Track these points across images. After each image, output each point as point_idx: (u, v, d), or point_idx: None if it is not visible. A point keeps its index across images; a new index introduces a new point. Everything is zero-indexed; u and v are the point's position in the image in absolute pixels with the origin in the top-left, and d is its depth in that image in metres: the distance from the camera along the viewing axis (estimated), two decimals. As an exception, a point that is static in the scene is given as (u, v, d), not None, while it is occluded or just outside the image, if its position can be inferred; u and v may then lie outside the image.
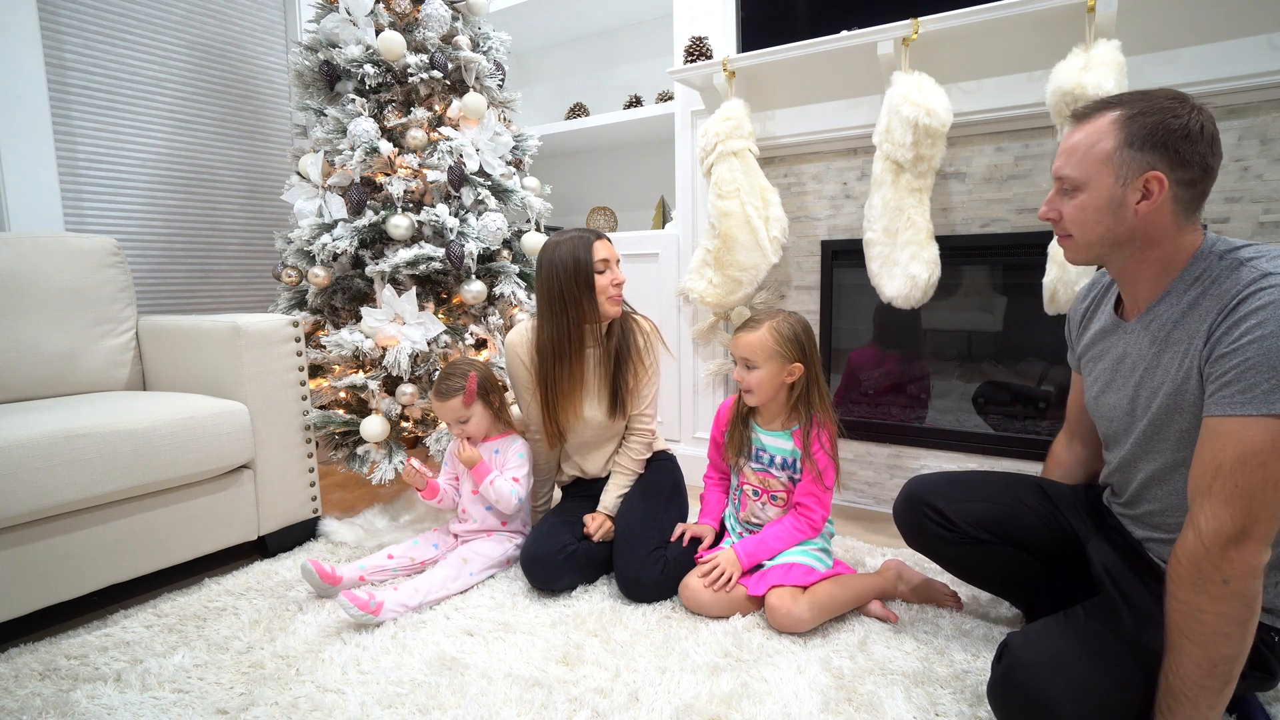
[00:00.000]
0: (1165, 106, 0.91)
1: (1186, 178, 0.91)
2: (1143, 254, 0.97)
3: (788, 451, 1.49)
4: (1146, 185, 0.92)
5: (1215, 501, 0.83)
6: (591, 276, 1.54)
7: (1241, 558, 0.81)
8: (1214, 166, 0.91)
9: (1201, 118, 0.90)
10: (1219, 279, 0.90)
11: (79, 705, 1.14)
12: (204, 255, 2.50)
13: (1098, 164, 0.94)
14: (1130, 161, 0.92)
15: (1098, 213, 0.96)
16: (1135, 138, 0.91)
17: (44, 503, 1.32)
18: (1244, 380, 0.83)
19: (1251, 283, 0.85)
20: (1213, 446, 0.84)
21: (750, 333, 1.44)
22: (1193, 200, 0.93)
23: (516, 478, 1.63)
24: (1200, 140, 0.90)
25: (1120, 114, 0.93)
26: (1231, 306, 0.86)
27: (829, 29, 1.88)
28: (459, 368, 1.65)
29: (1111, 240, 0.97)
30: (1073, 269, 1.50)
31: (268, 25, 2.65)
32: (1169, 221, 0.93)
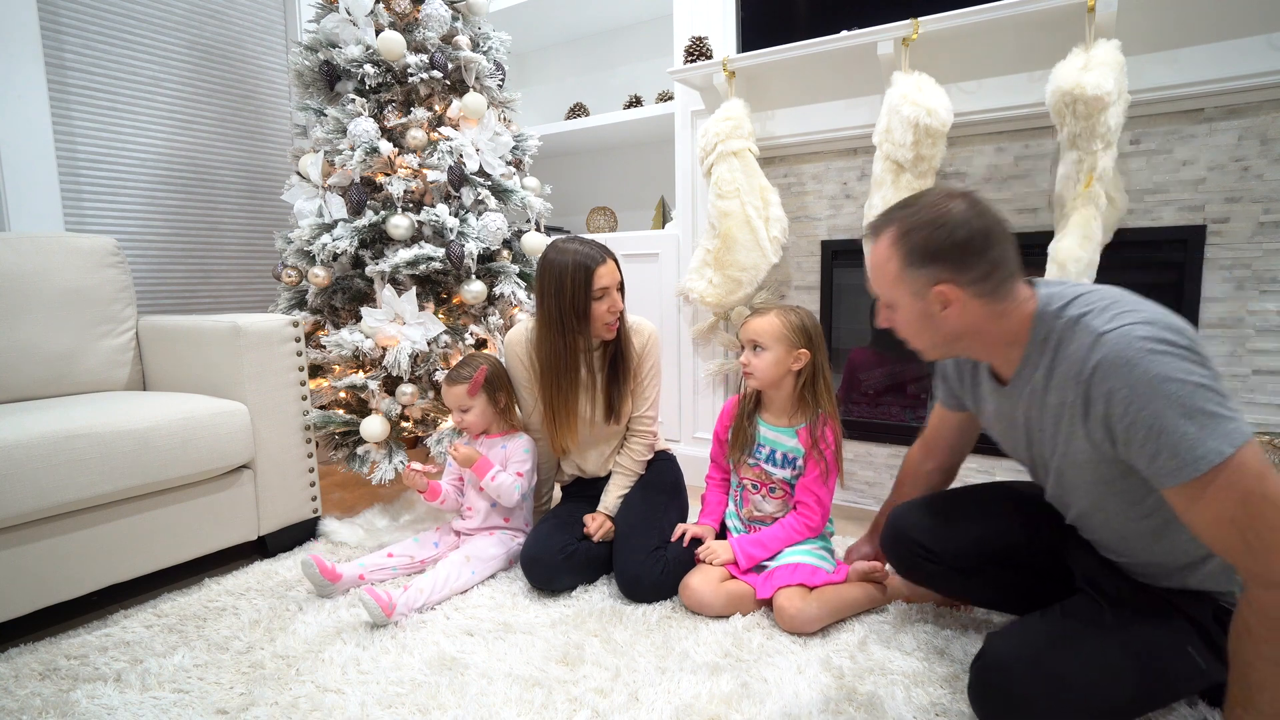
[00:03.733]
0: (930, 219, 0.92)
1: (974, 277, 0.92)
2: (978, 341, 0.99)
3: (790, 448, 1.50)
4: (940, 297, 0.93)
5: (1267, 551, 0.78)
6: (588, 306, 1.53)
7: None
8: (999, 255, 0.91)
9: (969, 216, 0.90)
10: (1063, 343, 0.91)
11: (79, 705, 1.14)
12: (204, 255, 2.50)
13: (893, 286, 0.97)
14: (916, 280, 0.94)
15: (915, 325, 0.99)
16: (913, 256, 0.93)
17: (44, 503, 1.32)
18: (1164, 453, 0.81)
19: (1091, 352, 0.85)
20: (1208, 510, 0.81)
21: (760, 317, 1.47)
22: (995, 286, 0.93)
23: (520, 473, 1.64)
24: (972, 242, 0.90)
25: (894, 231, 0.95)
26: (1089, 380, 0.86)
27: (829, 29, 1.88)
28: (475, 359, 1.68)
29: (942, 342, 1.00)
30: (1072, 269, 1.51)
31: (268, 25, 2.65)
32: (983, 313, 0.94)
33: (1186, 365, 0.80)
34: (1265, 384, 1.58)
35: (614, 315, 1.57)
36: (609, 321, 1.56)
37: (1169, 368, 0.79)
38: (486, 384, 1.64)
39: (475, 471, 1.61)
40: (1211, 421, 0.78)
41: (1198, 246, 1.62)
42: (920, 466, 1.40)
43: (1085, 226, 1.51)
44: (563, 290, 1.52)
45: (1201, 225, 1.61)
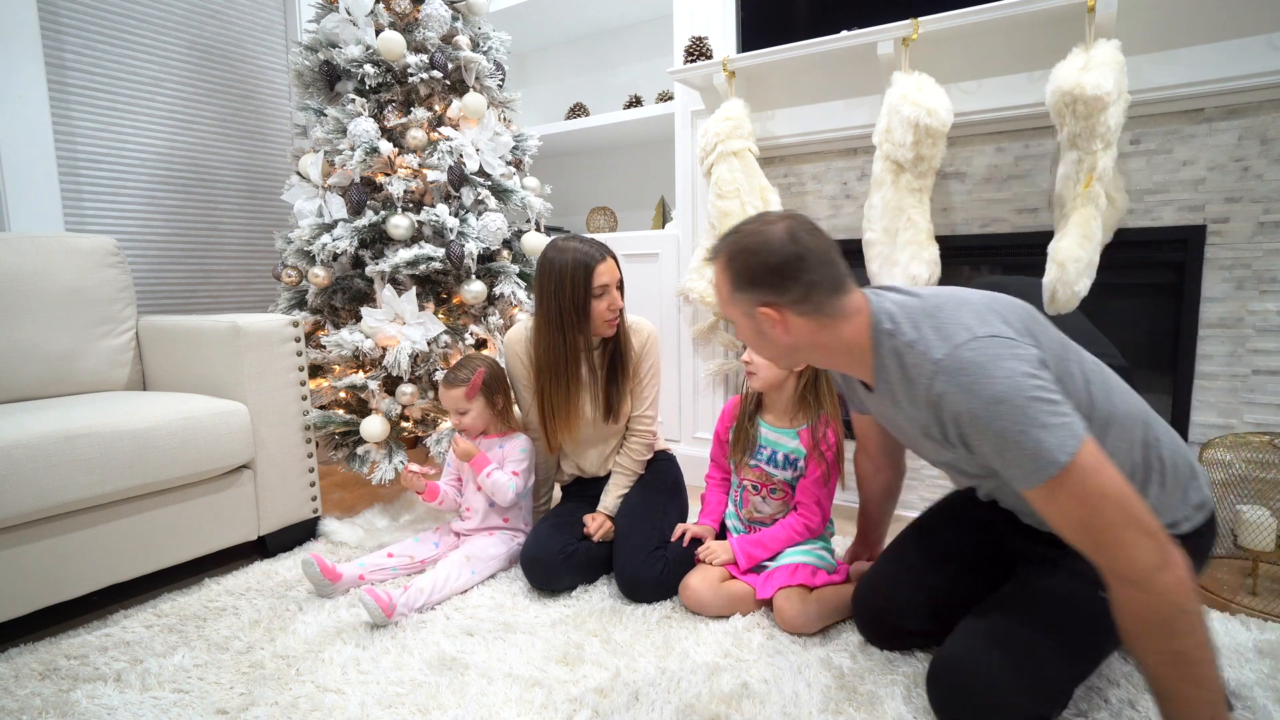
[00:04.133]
0: (748, 246, 0.98)
1: (794, 298, 0.97)
2: (819, 353, 1.03)
3: (792, 449, 1.50)
4: (764, 317, 0.98)
5: (1116, 548, 0.82)
6: (588, 303, 1.53)
7: (1177, 577, 0.80)
8: (815, 277, 0.96)
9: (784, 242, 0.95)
10: (905, 365, 0.95)
11: (79, 705, 1.14)
12: (204, 255, 2.50)
13: (728, 307, 1.04)
14: (744, 302, 1.00)
15: (753, 341, 1.05)
16: (738, 281, 0.99)
17: (44, 503, 1.32)
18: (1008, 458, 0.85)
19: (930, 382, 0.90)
20: (1055, 514, 0.85)
21: None
22: (818, 305, 0.97)
23: (516, 471, 1.64)
24: (786, 267, 0.95)
25: (724, 257, 1.01)
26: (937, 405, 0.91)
27: (829, 29, 1.88)
28: (472, 361, 1.68)
29: (782, 355, 1.05)
30: (1072, 269, 1.50)
31: (268, 25, 2.65)
32: (810, 328, 0.99)
33: (1016, 381, 0.84)
34: (1265, 384, 1.58)
35: (614, 313, 1.57)
36: (609, 319, 1.56)
37: (999, 388, 0.84)
38: (484, 386, 1.64)
39: (473, 467, 1.62)
40: (1045, 433, 0.82)
41: (1198, 246, 1.62)
42: (870, 476, 1.45)
43: (1085, 226, 1.51)
44: (562, 288, 1.52)
45: (1201, 225, 1.61)
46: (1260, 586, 1.49)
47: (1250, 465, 1.53)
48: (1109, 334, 1.80)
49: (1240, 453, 1.54)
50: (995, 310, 0.93)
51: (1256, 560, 1.49)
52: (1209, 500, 1.03)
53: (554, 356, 1.57)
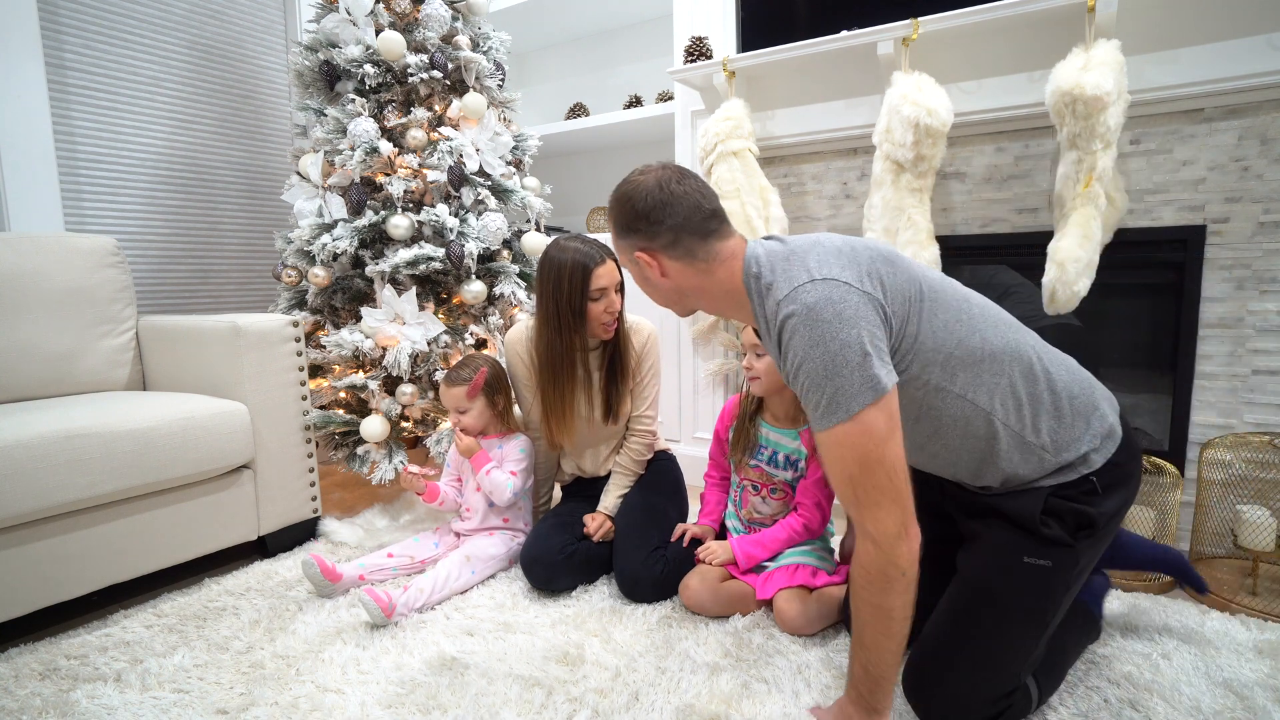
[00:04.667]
0: (621, 195, 1.05)
1: (666, 240, 1.02)
2: (701, 299, 1.08)
3: (792, 449, 1.50)
4: (641, 260, 1.04)
5: (871, 507, 0.88)
6: (584, 305, 1.53)
7: (910, 548, 0.89)
8: (678, 222, 1.00)
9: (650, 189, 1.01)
10: (764, 305, 0.98)
11: (79, 705, 1.14)
12: (204, 255, 2.50)
13: (620, 254, 1.10)
14: (625, 248, 1.07)
15: (643, 287, 1.10)
16: (617, 227, 1.07)
17: (44, 503, 1.32)
18: (809, 400, 0.91)
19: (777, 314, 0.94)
20: (833, 461, 0.91)
21: None
22: (688, 249, 1.02)
23: (514, 471, 1.64)
24: (651, 213, 1.01)
25: (608, 208, 1.09)
26: (777, 339, 0.94)
27: (829, 29, 1.88)
28: (475, 360, 1.68)
29: (669, 300, 1.10)
30: (1072, 269, 1.50)
31: (268, 25, 2.65)
32: (688, 272, 1.04)
33: (834, 327, 0.88)
34: (1265, 384, 1.58)
35: (611, 316, 1.57)
36: (605, 322, 1.56)
37: (818, 331, 0.88)
38: (486, 386, 1.64)
39: (473, 464, 1.62)
40: (844, 380, 0.87)
41: (1198, 246, 1.62)
42: None
43: (1085, 226, 1.51)
44: (560, 289, 1.52)
45: (1201, 225, 1.61)
46: (1260, 586, 1.49)
47: (1250, 465, 1.54)
48: (1109, 334, 1.80)
49: (1240, 453, 1.54)
50: (845, 255, 0.95)
51: (1256, 560, 1.49)
52: (1115, 428, 1.03)
53: (553, 356, 1.57)
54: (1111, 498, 1.00)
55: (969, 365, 0.97)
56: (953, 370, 0.96)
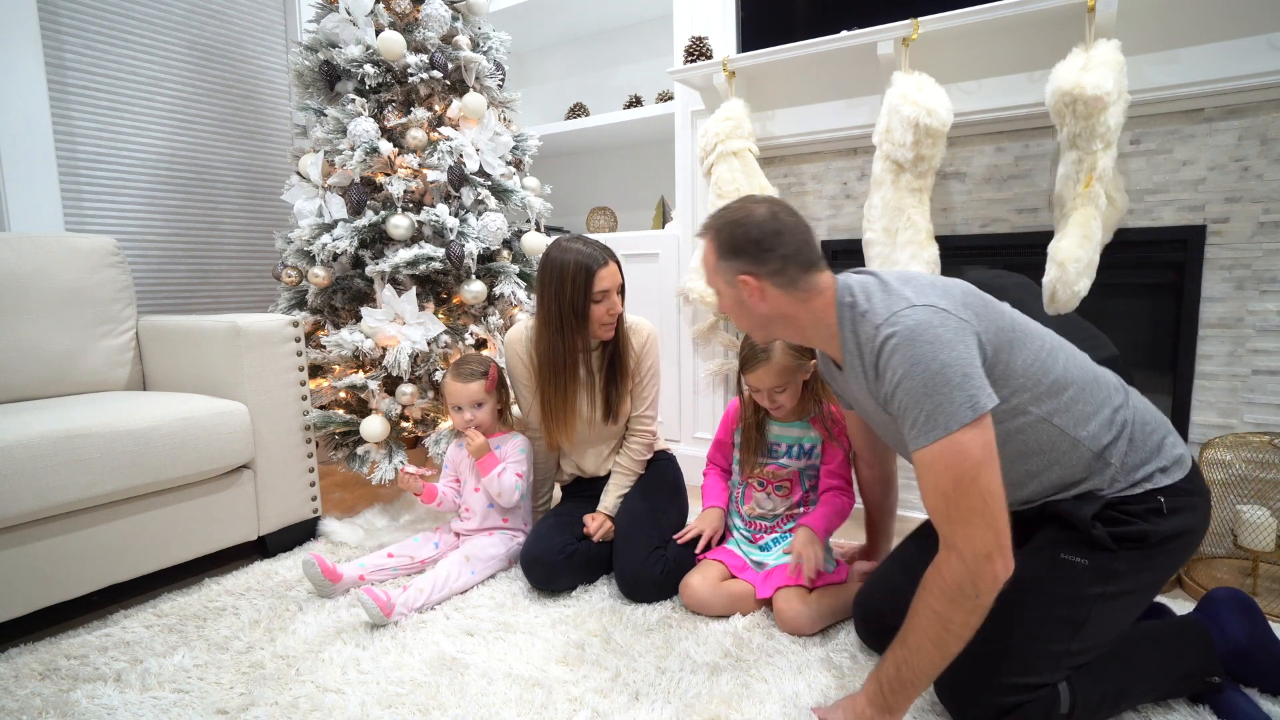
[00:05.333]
0: (733, 220, 1.09)
1: (771, 269, 1.06)
2: (791, 326, 1.12)
3: (805, 438, 1.52)
4: (744, 285, 1.08)
5: (962, 524, 0.90)
6: (587, 307, 1.53)
7: (993, 572, 0.89)
8: (789, 251, 1.05)
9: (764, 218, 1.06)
10: (858, 331, 1.04)
11: (79, 705, 1.14)
12: (204, 255, 2.50)
13: (714, 276, 1.13)
14: (726, 270, 1.10)
15: (733, 310, 1.14)
16: (723, 251, 1.09)
17: (44, 503, 1.32)
18: (909, 417, 0.94)
19: (874, 337, 0.99)
20: (928, 477, 0.93)
21: (767, 363, 1.41)
22: (791, 278, 1.07)
23: (519, 473, 1.64)
24: (765, 240, 1.05)
25: (712, 233, 1.11)
26: (875, 362, 0.99)
27: (829, 29, 1.88)
28: (476, 357, 1.68)
29: (758, 325, 1.13)
30: (1072, 269, 1.50)
31: (268, 25, 2.65)
32: (785, 299, 1.08)
33: (936, 347, 0.92)
34: (1265, 384, 1.58)
35: (612, 318, 1.57)
36: (606, 323, 1.56)
37: (920, 351, 0.92)
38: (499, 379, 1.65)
39: (481, 465, 1.61)
40: (945, 403, 0.90)
41: (1198, 246, 1.62)
42: (865, 476, 1.51)
43: (1085, 226, 1.51)
44: (563, 290, 1.52)
45: (1201, 225, 1.61)
46: (1260, 586, 1.49)
47: (1250, 465, 1.54)
48: (1109, 334, 1.80)
49: (1240, 453, 1.54)
50: (939, 287, 1.01)
51: (1256, 560, 1.49)
52: (1185, 458, 1.07)
53: (554, 357, 1.57)
54: (1173, 520, 1.02)
55: (1055, 393, 1.02)
56: (1041, 397, 1.01)
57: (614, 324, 1.59)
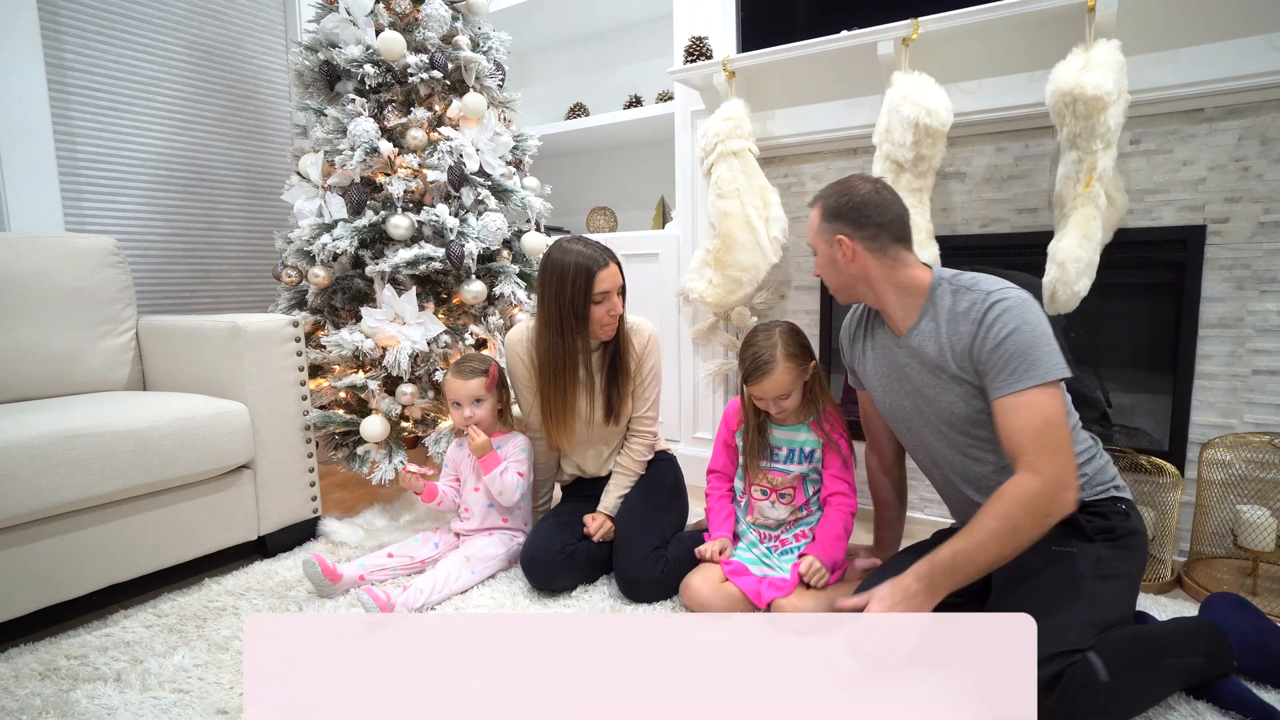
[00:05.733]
0: (840, 190, 1.27)
1: (868, 234, 1.23)
2: (874, 290, 1.27)
3: (806, 442, 1.51)
4: (840, 244, 1.25)
5: (1047, 454, 1.06)
6: (588, 309, 1.53)
7: (1066, 499, 1.07)
8: (885, 223, 1.23)
9: (867, 193, 1.24)
10: (958, 302, 1.20)
11: (79, 705, 1.14)
12: (204, 255, 2.50)
13: (815, 236, 1.30)
14: (827, 231, 1.27)
15: (826, 269, 1.31)
16: (827, 214, 1.27)
17: (44, 503, 1.32)
18: (1012, 365, 1.10)
19: (985, 300, 1.16)
20: (1019, 419, 1.09)
21: (771, 374, 1.41)
22: (881, 246, 1.24)
23: (520, 472, 1.64)
24: (864, 208, 1.23)
25: (821, 200, 1.29)
26: (980, 318, 1.15)
27: (829, 29, 1.88)
28: (477, 356, 1.68)
29: (844, 284, 1.30)
30: (1072, 269, 1.51)
31: (268, 25, 2.65)
32: (874, 264, 1.25)
33: (1036, 317, 1.12)
34: (1265, 384, 1.58)
35: (612, 319, 1.57)
36: (607, 324, 1.56)
37: (1029, 313, 1.12)
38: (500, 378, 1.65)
39: (483, 464, 1.61)
40: (1047, 355, 1.09)
41: (1198, 246, 1.62)
42: (878, 471, 1.55)
43: (1085, 226, 1.51)
44: (563, 291, 1.52)
45: (1201, 225, 1.61)
46: (1260, 586, 1.49)
47: (1250, 465, 1.54)
48: (1109, 334, 1.80)
49: (1240, 453, 1.54)
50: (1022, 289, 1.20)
51: (1256, 560, 1.49)
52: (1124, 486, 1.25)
53: (554, 358, 1.57)
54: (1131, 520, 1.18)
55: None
56: None
57: (614, 325, 1.59)
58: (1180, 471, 1.63)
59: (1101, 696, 0.96)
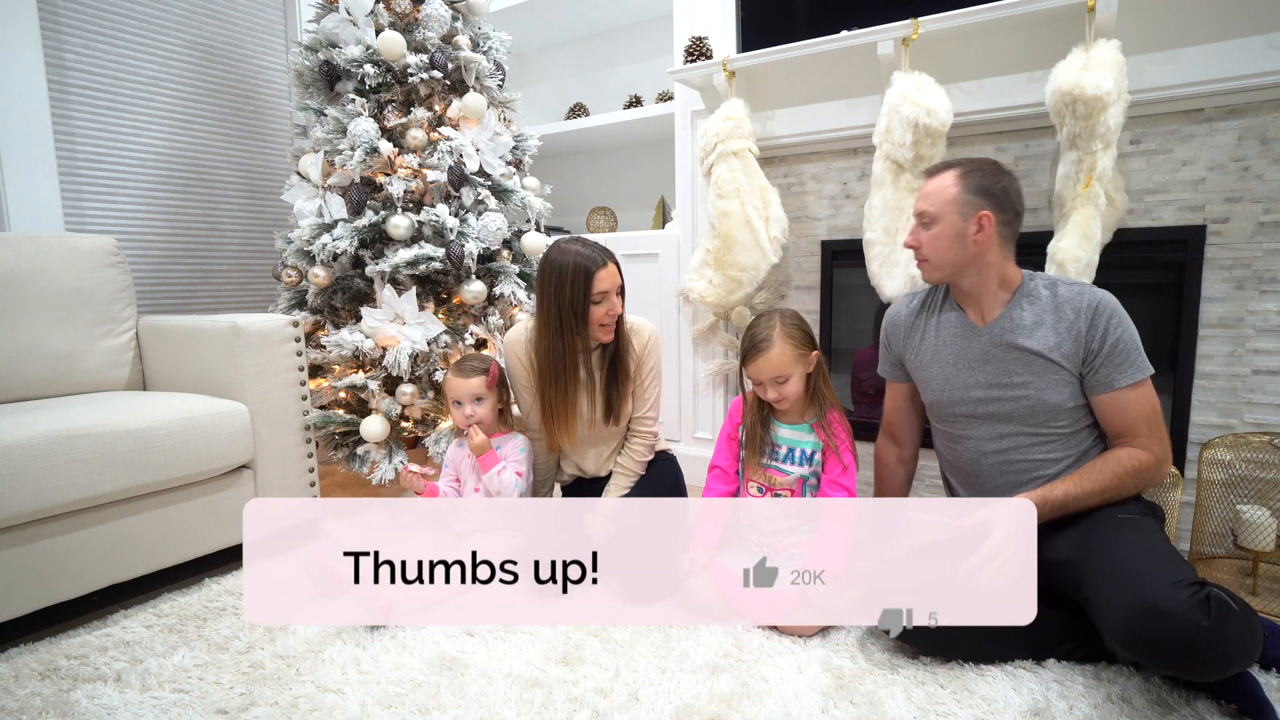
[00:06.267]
0: (990, 168, 1.29)
1: (1005, 218, 1.27)
2: (983, 275, 1.30)
3: (808, 444, 1.50)
4: (980, 221, 1.25)
5: (1158, 438, 1.23)
6: (587, 309, 1.53)
7: (1163, 474, 1.25)
8: (1021, 213, 1.30)
9: (1013, 181, 1.29)
10: (1057, 291, 1.28)
11: (79, 705, 1.14)
12: (204, 255, 2.50)
13: (948, 204, 1.28)
14: (969, 204, 1.26)
15: (946, 241, 1.29)
16: (971, 187, 1.26)
17: (44, 503, 1.32)
18: (1127, 361, 1.22)
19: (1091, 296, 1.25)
20: (1134, 409, 1.23)
21: (767, 353, 1.40)
22: (1010, 236, 1.29)
23: (520, 472, 1.64)
24: (1012, 193, 1.28)
25: (960, 171, 1.29)
26: (1093, 313, 1.24)
27: (829, 29, 1.88)
28: (478, 355, 1.68)
29: (954, 261, 1.30)
30: (1072, 269, 1.51)
31: (268, 25, 2.65)
32: (996, 252, 1.28)
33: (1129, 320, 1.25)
34: (1265, 384, 1.58)
35: (611, 319, 1.57)
36: (606, 324, 1.56)
37: (1128, 320, 1.25)
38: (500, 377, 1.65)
39: (482, 462, 1.61)
40: (1144, 355, 1.24)
41: (1198, 246, 1.62)
42: (894, 464, 1.56)
43: (1085, 226, 1.51)
44: (562, 291, 1.52)
45: (1201, 225, 1.61)
46: (1260, 586, 1.49)
47: (1250, 465, 1.54)
48: (1109, 334, 1.80)
49: (1240, 453, 1.54)
50: None
51: (1256, 560, 1.49)
52: None
53: (553, 358, 1.57)
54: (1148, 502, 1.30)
55: None
56: None
57: (614, 325, 1.59)
58: (1180, 471, 1.63)
59: (1241, 623, 1.00)
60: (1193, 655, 0.99)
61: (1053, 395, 1.26)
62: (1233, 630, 0.98)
